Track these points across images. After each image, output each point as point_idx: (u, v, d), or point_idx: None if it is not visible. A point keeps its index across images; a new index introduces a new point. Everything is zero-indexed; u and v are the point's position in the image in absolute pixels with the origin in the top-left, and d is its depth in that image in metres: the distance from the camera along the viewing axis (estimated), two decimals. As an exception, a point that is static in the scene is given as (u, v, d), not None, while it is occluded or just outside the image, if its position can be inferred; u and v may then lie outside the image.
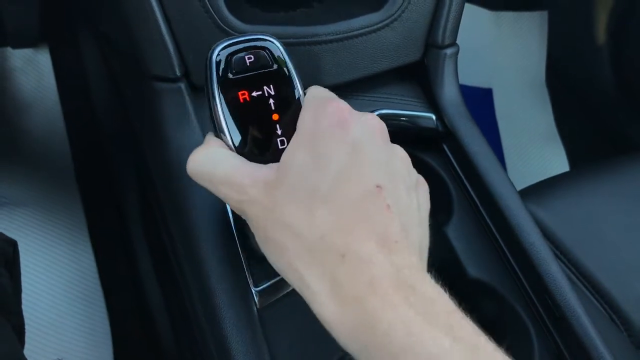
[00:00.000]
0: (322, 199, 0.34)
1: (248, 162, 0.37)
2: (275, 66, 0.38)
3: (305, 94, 0.39)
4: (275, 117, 0.38)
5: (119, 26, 0.54)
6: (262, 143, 0.38)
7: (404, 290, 0.32)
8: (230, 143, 0.38)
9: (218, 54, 0.38)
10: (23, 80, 0.95)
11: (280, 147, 0.38)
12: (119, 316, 0.85)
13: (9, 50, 0.95)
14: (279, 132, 0.38)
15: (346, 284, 0.33)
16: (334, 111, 0.36)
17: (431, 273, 0.34)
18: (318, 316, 0.34)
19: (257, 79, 0.38)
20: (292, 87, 0.39)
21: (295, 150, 0.35)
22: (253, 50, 0.38)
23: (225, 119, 0.37)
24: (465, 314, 0.33)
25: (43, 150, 0.93)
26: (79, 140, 0.93)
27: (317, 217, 0.34)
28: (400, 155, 0.38)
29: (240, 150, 0.38)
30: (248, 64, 0.38)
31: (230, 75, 0.38)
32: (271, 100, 0.38)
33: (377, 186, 0.34)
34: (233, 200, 0.36)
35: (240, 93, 0.38)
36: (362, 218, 0.34)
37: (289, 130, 0.37)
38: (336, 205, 0.34)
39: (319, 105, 0.36)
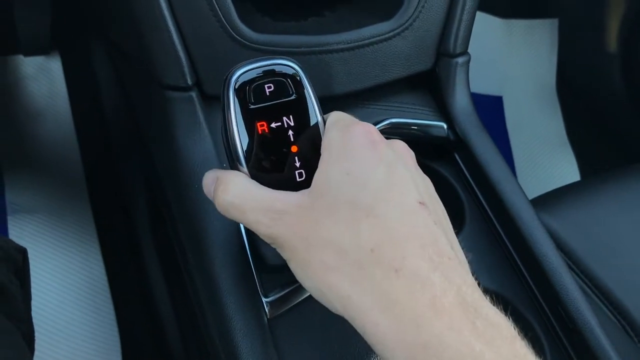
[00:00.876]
0: (365, 212, 0.33)
1: (276, 190, 0.36)
2: (294, 96, 0.37)
3: (324, 119, 0.38)
4: (294, 149, 0.37)
5: (131, 35, 0.54)
6: (279, 174, 0.37)
7: (469, 313, 0.31)
8: (248, 173, 0.37)
9: (236, 81, 0.37)
10: (35, 88, 0.96)
11: (298, 180, 0.37)
12: (128, 324, 0.85)
13: (21, 57, 0.96)
14: (297, 164, 0.37)
15: (404, 301, 0.31)
16: (363, 132, 0.35)
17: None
18: (368, 335, 0.32)
19: (277, 109, 0.37)
20: (311, 114, 0.37)
21: (327, 170, 0.34)
22: (273, 79, 0.37)
23: (243, 149, 0.36)
24: (522, 337, 0.32)
25: (54, 157, 0.94)
26: (89, 147, 0.94)
27: (363, 230, 0.32)
28: (429, 181, 0.38)
29: (257, 180, 0.37)
30: (268, 94, 0.37)
31: (250, 106, 0.36)
32: (290, 132, 0.37)
33: (420, 202, 0.34)
34: (265, 226, 0.35)
35: (259, 124, 0.36)
36: (411, 232, 0.32)
37: (308, 162, 0.37)
38: (382, 218, 0.32)
39: (346, 127, 0.36)
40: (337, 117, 0.37)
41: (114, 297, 0.87)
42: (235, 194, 0.36)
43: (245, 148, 0.37)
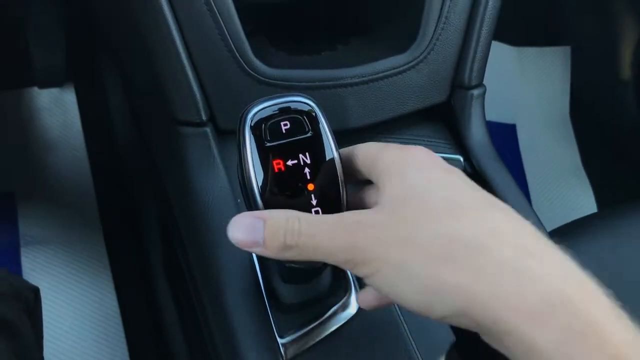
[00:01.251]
0: (463, 206, 0.31)
1: (345, 215, 0.33)
2: (310, 133, 0.37)
3: (340, 154, 0.37)
4: (310, 187, 0.36)
5: (145, 70, 0.54)
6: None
7: (611, 306, 0.29)
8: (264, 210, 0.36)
9: (252, 118, 0.36)
10: (49, 120, 0.97)
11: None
12: (140, 357, 0.84)
13: (36, 90, 0.97)
14: (314, 202, 0.36)
15: (549, 282, 0.28)
16: (424, 150, 0.35)
17: None
18: (502, 324, 0.28)
19: (293, 147, 0.36)
20: (327, 151, 0.37)
21: (401, 182, 0.33)
22: (289, 117, 0.37)
23: (259, 187, 0.36)
24: None
25: (67, 189, 0.94)
26: (103, 179, 0.94)
27: (473, 219, 0.31)
28: None
29: None
30: (284, 131, 0.36)
31: (267, 143, 0.36)
32: (306, 170, 0.36)
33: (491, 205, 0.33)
34: (343, 239, 0.32)
35: (275, 162, 0.36)
36: (517, 224, 0.31)
37: (324, 199, 0.36)
38: (477, 212, 0.31)
39: (401, 148, 0.35)
40: (375, 144, 0.37)
41: (126, 329, 0.86)
42: (305, 225, 0.33)
43: (260, 185, 0.36)
